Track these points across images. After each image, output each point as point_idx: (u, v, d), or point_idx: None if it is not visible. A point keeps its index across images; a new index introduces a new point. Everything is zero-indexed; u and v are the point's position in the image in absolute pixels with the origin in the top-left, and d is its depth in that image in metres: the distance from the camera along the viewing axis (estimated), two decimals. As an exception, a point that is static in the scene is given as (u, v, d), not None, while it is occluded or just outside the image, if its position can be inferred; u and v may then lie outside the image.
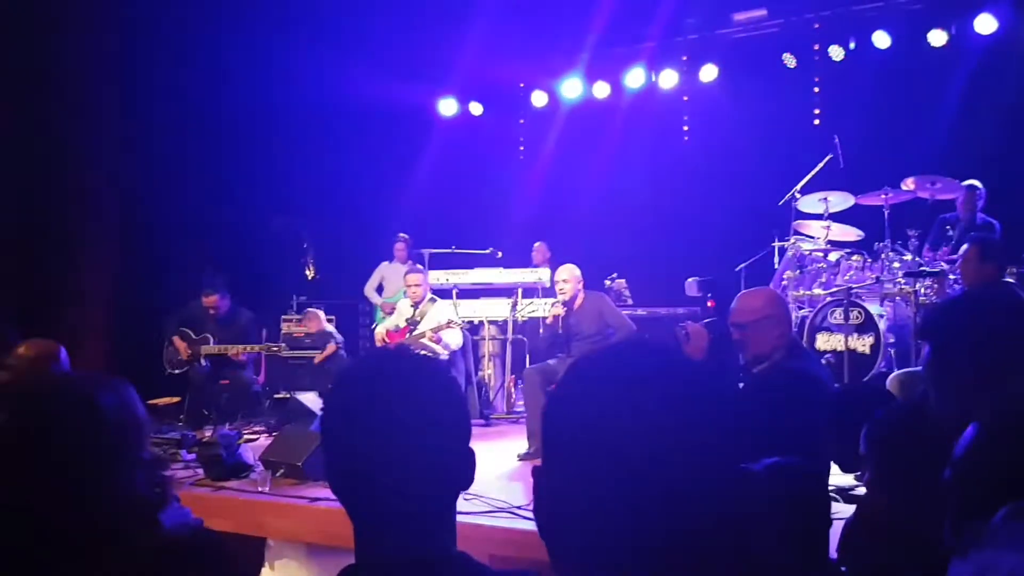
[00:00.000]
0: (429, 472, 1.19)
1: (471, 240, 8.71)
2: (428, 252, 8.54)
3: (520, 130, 10.80)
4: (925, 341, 1.78)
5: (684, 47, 9.46)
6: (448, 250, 8.55)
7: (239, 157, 8.80)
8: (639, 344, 0.90)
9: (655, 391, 0.84)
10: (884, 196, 6.91)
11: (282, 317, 8.55)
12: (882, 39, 8.41)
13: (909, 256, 6.51)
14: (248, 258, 9.01)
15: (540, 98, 10.21)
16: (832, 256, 6.99)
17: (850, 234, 7.22)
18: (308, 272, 9.24)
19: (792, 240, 7.22)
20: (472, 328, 7.93)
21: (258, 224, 9.28)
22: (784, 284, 7.09)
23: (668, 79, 9.54)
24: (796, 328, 6.26)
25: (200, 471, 4.88)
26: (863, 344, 6.33)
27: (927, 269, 6.22)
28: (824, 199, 7.12)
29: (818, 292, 6.79)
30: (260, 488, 4.53)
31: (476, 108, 10.59)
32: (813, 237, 7.25)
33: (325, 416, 1.24)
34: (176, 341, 7.28)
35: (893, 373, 5.23)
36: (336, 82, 8.99)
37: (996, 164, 7.33)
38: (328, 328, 8.01)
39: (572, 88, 9.91)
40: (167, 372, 7.30)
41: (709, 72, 9.27)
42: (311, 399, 6.11)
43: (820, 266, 6.98)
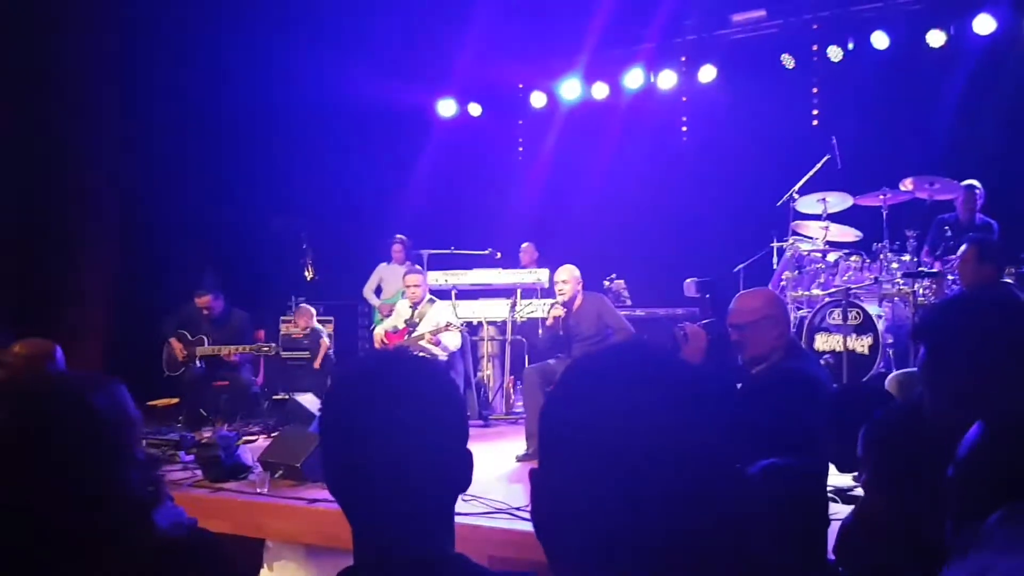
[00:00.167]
0: (427, 474, 1.19)
1: (470, 241, 8.69)
2: (427, 253, 8.51)
3: (519, 131, 10.79)
4: (920, 342, 1.77)
5: (683, 48, 9.45)
6: (447, 251, 8.53)
7: (239, 157, 8.81)
8: (636, 345, 0.91)
9: (653, 392, 0.84)
10: (882, 196, 6.89)
11: (281, 318, 8.56)
12: (881, 40, 8.41)
13: (908, 257, 6.52)
14: (247, 258, 9.02)
15: (539, 99, 10.20)
16: (830, 257, 6.99)
17: (848, 235, 7.22)
18: (307, 273, 9.23)
19: (791, 241, 7.21)
20: (471, 329, 7.93)
21: (258, 224, 9.29)
22: (783, 285, 7.09)
23: (667, 80, 9.53)
24: (795, 329, 6.25)
25: (199, 472, 4.87)
26: (862, 345, 6.33)
27: (925, 270, 6.22)
28: (823, 200, 7.11)
29: (816, 293, 6.79)
30: (259, 489, 4.53)
31: (475, 109, 10.59)
32: (811, 238, 7.24)
33: (324, 417, 1.24)
34: (172, 343, 7.27)
35: (892, 374, 5.24)
36: (336, 82, 8.99)
37: (995, 164, 7.33)
38: (316, 325, 8.02)
39: (571, 89, 9.91)
40: (165, 374, 7.29)
41: (708, 73, 9.27)
42: (310, 400, 6.12)
43: (818, 267, 6.98)
